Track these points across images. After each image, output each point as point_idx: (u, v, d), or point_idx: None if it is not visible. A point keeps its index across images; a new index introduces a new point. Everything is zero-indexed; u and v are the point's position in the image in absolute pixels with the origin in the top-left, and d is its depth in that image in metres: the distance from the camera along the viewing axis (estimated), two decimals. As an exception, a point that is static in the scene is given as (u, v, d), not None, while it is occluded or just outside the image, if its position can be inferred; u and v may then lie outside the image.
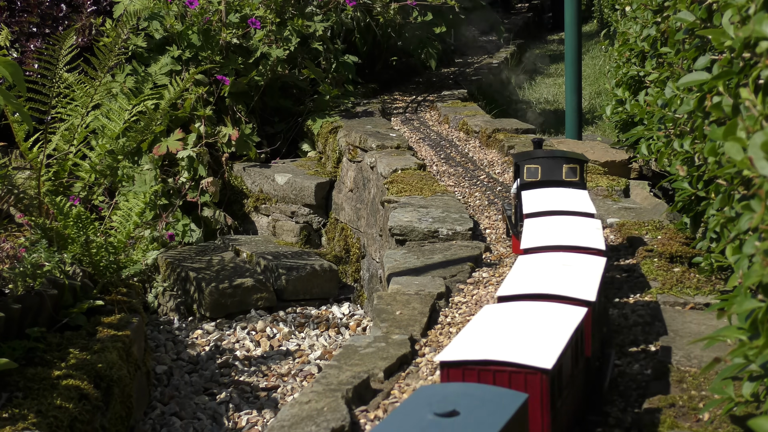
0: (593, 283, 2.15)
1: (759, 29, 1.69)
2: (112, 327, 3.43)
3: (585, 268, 2.27)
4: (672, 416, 2.19)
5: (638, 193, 4.68)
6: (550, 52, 13.22)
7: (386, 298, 3.14)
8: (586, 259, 2.31)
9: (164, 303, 4.97)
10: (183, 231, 5.59)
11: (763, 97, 1.75)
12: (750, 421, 1.41)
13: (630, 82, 4.95)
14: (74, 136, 4.85)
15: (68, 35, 4.50)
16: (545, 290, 2.09)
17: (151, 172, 5.57)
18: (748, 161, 1.57)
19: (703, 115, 2.81)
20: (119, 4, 6.26)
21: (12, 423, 2.65)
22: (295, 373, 4.17)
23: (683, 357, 2.55)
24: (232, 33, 6.07)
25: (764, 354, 1.69)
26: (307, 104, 6.48)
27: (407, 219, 3.90)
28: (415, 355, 2.76)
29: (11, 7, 6.32)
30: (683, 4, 2.98)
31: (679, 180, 3.11)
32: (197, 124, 5.85)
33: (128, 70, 5.84)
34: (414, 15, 7.55)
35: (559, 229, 2.57)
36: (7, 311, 3.03)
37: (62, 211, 3.84)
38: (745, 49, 1.97)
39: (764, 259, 1.61)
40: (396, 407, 1.72)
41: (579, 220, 2.67)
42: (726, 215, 2.51)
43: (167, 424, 3.72)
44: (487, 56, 10.15)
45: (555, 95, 9.84)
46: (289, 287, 4.93)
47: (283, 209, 5.85)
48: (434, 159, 5.36)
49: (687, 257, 3.37)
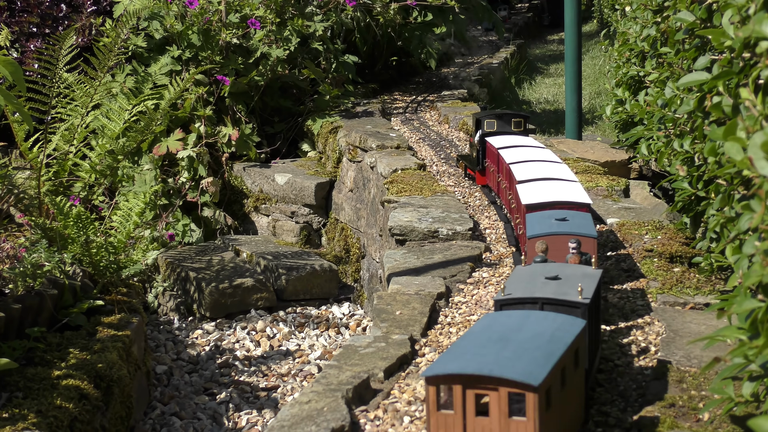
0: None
1: (759, 29, 1.69)
2: (112, 327, 3.43)
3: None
4: (672, 416, 2.19)
5: (638, 193, 4.68)
6: (550, 52, 13.22)
7: (386, 298, 3.14)
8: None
9: (164, 303, 4.97)
10: (183, 231, 5.59)
11: (763, 97, 1.75)
12: (750, 421, 1.41)
13: (630, 82, 4.95)
14: (74, 136, 4.86)
15: (68, 35, 4.50)
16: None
17: (151, 172, 5.57)
18: (748, 161, 1.57)
19: (703, 115, 2.82)
20: (119, 4, 6.26)
21: (12, 423, 2.65)
22: (295, 373, 4.17)
23: (683, 357, 2.55)
24: (232, 33, 6.07)
25: (764, 354, 1.69)
26: (307, 104, 6.49)
27: (407, 219, 3.91)
28: (415, 355, 2.77)
29: (11, 7, 6.33)
30: (683, 4, 2.98)
31: (679, 180, 3.11)
32: (197, 124, 5.85)
33: (128, 70, 5.84)
34: (414, 15, 7.55)
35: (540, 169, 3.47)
36: (7, 311, 3.03)
37: (62, 211, 3.84)
38: (745, 49, 1.97)
39: (764, 259, 1.61)
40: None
41: (552, 165, 3.59)
42: (726, 215, 2.51)
43: (167, 424, 3.72)
44: (487, 56, 10.15)
45: (555, 95, 9.84)
46: (289, 287, 4.93)
47: (283, 209, 5.85)
48: (434, 159, 5.36)
49: (687, 257, 3.37)
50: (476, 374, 1.75)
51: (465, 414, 1.78)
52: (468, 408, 1.77)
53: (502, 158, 3.79)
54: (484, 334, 1.94)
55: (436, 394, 1.80)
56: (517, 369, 1.75)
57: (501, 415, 1.75)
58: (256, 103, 6.23)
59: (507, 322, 2.00)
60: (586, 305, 2.13)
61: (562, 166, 3.55)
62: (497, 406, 1.75)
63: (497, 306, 2.18)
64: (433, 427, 1.82)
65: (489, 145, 4.17)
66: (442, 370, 1.79)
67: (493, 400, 1.75)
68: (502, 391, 1.73)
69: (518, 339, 1.89)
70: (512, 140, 4.08)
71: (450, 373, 1.78)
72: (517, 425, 1.74)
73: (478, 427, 1.78)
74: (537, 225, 2.75)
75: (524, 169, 3.45)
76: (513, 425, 1.74)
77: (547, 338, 1.90)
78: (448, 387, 1.80)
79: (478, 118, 4.46)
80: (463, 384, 1.77)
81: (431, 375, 1.78)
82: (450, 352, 1.86)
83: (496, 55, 10.32)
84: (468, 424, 1.78)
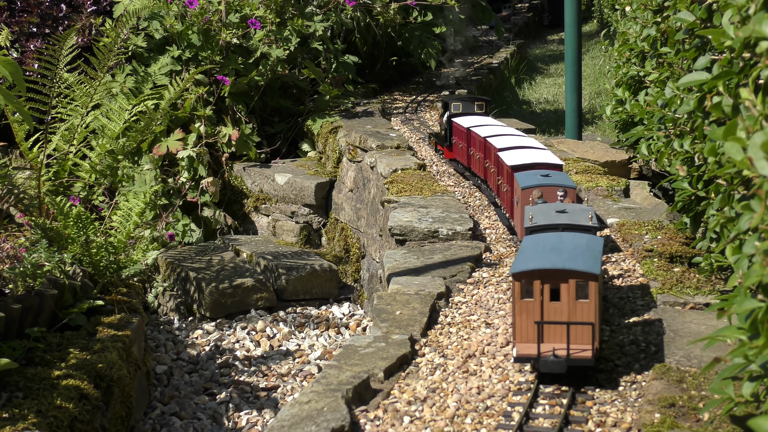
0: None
1: (759, 29, 1.69)
2: (112, 327, 3.43)
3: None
4: (672, 416, 2.19)
5: (638, 193, 4.68)
6: (550, 52, 13.22)
7: (386, 298, 3.14)
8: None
9: (164, 303, 4.97)
10: (183, 231, 5.59)
11: (763, 97, 1.75)
12: (750, 421, 1.41)
13: (630, 82, 4.95)
14: (74, 136, 4.85)
15: (68, 35, 4.50)
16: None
17: (151, 172, 5.57)
18: (748, 161, 1.57)
19: (703, 115, 2.82)
20: (119, 4, 6.25)
21: (12, 423, 2.65)
22: (295, 373, 4.17)
23: (683, 357, 2.55)
24: (232, 33, 6.07)
25: (764, 354, 1.69)
26: (307, 104, 6.49)
27: (407, 219, 3.91)
28: (415, 355, 2.77)
29: (11, 7, 6.33)
30: (683, 4, 2.98)
31: (679, 180, 3.11)
32: (197, 124, 5.85)
33: (128, 70, 5.84)
34: (414, 15, 7.55)
35: (513, 140, 4.17)
36: (7, 311, 3.03)
37: (62, 211, 3.84)
38: (745, 49, 1.97)
39: (764, 259, 1.61)
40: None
41: (521, 138, 4.26)
42: (726, 215, 2.51)
43: (167, 424, 3.72)
44: (487, 56, 10.15)
45: (555, 95, 9.84)
46: (289, 287, 4.93)
47: (283, 209, 5.85)
48: (434, 159, 5.36)
49: (687, 257, 3.37)
50: (551, 269, 2.46)
51: (543, 300, 2.48)
52: (545, 296, 2.47)
53: (475, 134, 4.50)
54: (536, 247, 2.60)
55: (521, 287, 2.48)
56: (580, 264, 2.46)
57: (570, 299, 2.47)
58: (256, 103, 6.23)
59: (548, 239, 2.66)
60: (597, 227, 2.84)
61: (530, 138, 4.30)
62: (567, 292, 2.46)
63: (528, 231, 2.85)
64: (517, 312, 2.51)
65: (456, 125, 4.88)
66: (523, 267, 2.48)
67: (563, 288, 2.46)
68: (571, 282, 2.45)
69: (565, 248, 2.56)
70: (479, 120, 4.76)
71: (530, 269, 2.47)
72: (582, 305, 2.47)
73: (551, 309, 2.48)
74: (528, 179, 3.44)
75: (500, 141, 4.18)
76: (579, 305, 2.47)
77: (584, 248, 2.58)
78: (529, 281, 2.47)
79: (445, 101, 5.19)
80: (541, 278, 2.46)
81: (516, 272, 2.48)
82: (519, 259, 2.55)
83: (496, 55, 10.32)
84: (545, 307, 2.48)
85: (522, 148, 3.99)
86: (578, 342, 2.46)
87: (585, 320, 2.45)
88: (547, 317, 2.48)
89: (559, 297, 2.47)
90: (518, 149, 3.96)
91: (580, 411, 2.34)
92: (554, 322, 2.46)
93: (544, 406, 2.38)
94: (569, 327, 2.42)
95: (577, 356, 2.42)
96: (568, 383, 2.48)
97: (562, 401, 2.38)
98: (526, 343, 2.49)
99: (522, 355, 2.47)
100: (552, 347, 2.45)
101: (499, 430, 2.28)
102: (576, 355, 2.42)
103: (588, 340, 2.46)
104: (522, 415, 2.30)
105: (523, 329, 2.50)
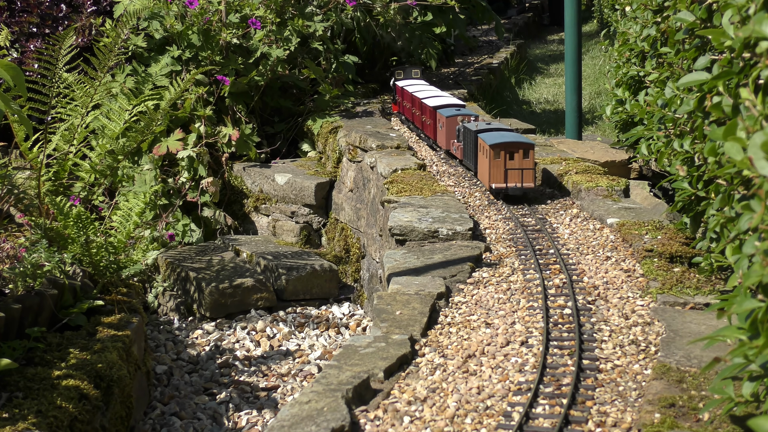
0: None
1: (759, 29, 1.69)
2: (112, 327, 3.43)
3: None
4: (672, 416, 2.19)
5: (638, 193, 4.68)
6: (550, 52, 13.22)
7: (386, 298, 3.14)
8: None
9: (164, 303, 4.97)
10: (183, 231, 5.59)
11: (763, 97, 1.75)
12: (750, 421, 1.41)
13: (630, 82, 4.95)
14: (74, 136, 4.85)
15: (68, 35, 4.50)
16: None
17: (151, 172, 5.57)
18: (748, 161, 1.58)
19: (703, 115, 2.82)
20: (119, 4, 6.26)
21: (12, 423, 2.65)
22: (295, 373, 4.17)
23: (683, 357, 2.55)
24: (232, 33, 6.07)
25: (764, 354, 1.69)
26: (307, 104, 6.49)
27: (407, 219, 3.91)
28: (415, 355, 2.77)
29: (11, 7, 6.33)
30: (683, 4, 2.99)
31: (679, 180, 3.11)
32: (197, 124, 5.85)
33: (128, 71, 5.84)
34: (414, 15, 7.55)
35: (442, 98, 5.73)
36: (7, 311, 3.03)
37: (62, 211, 3.84)
38: (745, 49, 1.97)
39: (764, 259, 1.61)
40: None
41: (437, 91, 6.05)
42: (726, 215, 2.51)
43: (167, 424, 3.72)
44: (487, 56, 10.15)
45: (555, 95, 9.84)
46: (289, 287, 4.93)
47: (283, 209, 5.85)
48: (434, 159, 5.36)
49: (687, 257, 3.37)
50: (509, 142, 4.34)
51: (506, 159, 4.32)
52: (506, 157, 4.32)
53: (406, 91, 6.23)
54: (492, 135, 4.44)
55: (494, 152, 4.31)
56: (524, 140, 4.39)
57: (520, 158, 4.32)
58: (256, 103, 6.23)
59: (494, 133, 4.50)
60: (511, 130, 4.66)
61: (438, 90, 6.08)
62: (518, 155, 4.32)
63: (479, 131, 4.61)
64: (492, 165, 4.33)
65: (397, 86, 6.57)
66: (494, 141, 4.33)
67: (517, 153, 4.32)
68: (520, 151, 4.32)
69: (509, 135, 4.43)
70: (413, 82, 6.48)
71: (498, 142, 4.32)
72: (527, 162, 4.31)
73: (510, 164, 4.32)
74: (448, 112, 5.20)
75: (423, 93, 5.83)
76: (525, 162, 4.31)
77: (518, 134, 4.53)
78: (498, 150, 4.31)
79: (392, 71, 6.94)
80: (504, 148, 4.32)
81: (492, 144, 4.31)
82: (487, 139, 4.39)
83: (496, 55, 10.32)
84: (506, 163, 4.31)
85: (436, 96, 5.69)
86: (526, 181, 4.36)
87: (530, 167, 4.36)
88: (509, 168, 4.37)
89: (514, 158, 4.34)
90: (435, 97, 5.65)
91: (580, 411, 2.34)
92: (514, 168, 4.33)
93: (544, 406, 2.38)
94: (522, 171, 4.34)
95: (526, 186, 4.36)
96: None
97: (562, 401, 2.39)
98: (498, 183, 4.35)
99: (497, 188, 4.36)
100: (514, 183, 4.35)
101: (499, 430, 2.28)
102: (526, 186, 4.36)
103: (531, 179, 4.37)
104: (522, 415, 2.30)
105: (495, 175, 4.36)
